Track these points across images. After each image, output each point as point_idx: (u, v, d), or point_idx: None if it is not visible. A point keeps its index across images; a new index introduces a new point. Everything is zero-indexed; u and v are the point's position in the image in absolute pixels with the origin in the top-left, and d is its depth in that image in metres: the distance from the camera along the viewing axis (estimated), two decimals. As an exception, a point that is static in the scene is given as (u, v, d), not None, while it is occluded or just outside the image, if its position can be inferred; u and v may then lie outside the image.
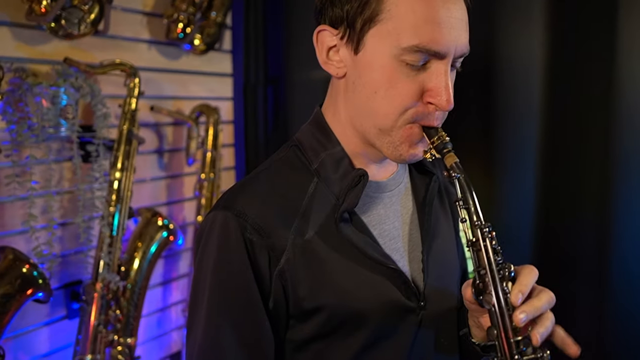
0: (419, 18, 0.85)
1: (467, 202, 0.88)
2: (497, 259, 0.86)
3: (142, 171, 1.99)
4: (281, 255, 0.90)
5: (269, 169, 0.99)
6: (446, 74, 0.87)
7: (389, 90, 0.88)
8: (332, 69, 0.94)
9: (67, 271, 1.77)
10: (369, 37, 0.88)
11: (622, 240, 1.86)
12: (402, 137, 0.91)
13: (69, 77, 1.63)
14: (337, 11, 0.90)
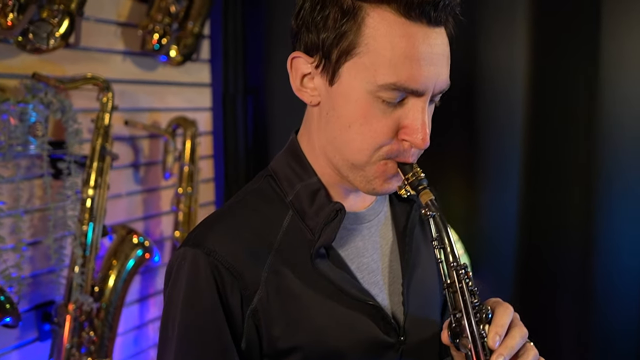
0: (398, 54, 0.80)
1: (442, 242, 0.85)
2: (473, 301, 0.84)
3: (118, 186, 1.93)
4: (254, 294, 0.86)
5: (241, 202, 0.94)
6: (423, 111, 0.84)
7: (363, 125, 0.84)
8: (305, 97, 0.90)
9: (38, 292, 1.71)
10: (344, 69, 0.84)
11: (605, 254, 1.84)
12: (376, 172, 0.87)
13: (39, 92, 1.58)
14: (313, 38, 0.85)
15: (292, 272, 0.88)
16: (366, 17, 0.82)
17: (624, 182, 1.80)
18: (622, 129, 1.78)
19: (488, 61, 1.96)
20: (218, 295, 0.84)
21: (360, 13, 0.82)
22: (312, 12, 0.85)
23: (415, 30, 0.81)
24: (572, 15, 1.84)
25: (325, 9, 0.84)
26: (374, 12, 0.81)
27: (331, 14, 0.83)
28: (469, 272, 0.85)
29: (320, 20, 0.84)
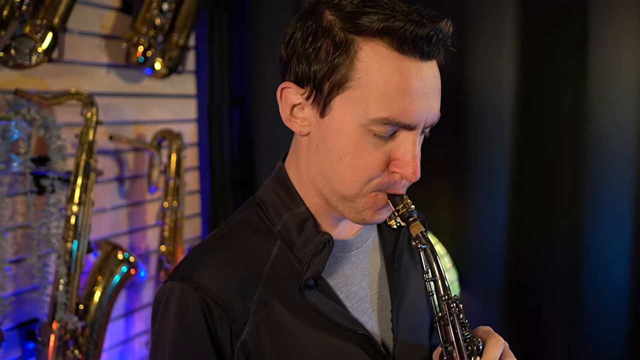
0: (391, 89, 0.80)
1: (433, 274, 0.85)
2: (464, 333, 0.84)
3: (102, 200, 1.91)
4: (243, 327, 0.85)
5: (229, 234, 0.93)
6: (414, 144, 0.84)
7: (355, 159, 0.84)
8: (295, 127, 0.89)
9: (21, 310, 1.68)
10: (336, 102, 0.84)
11: (592, 264, 1.86)
12: (366, 204, 0.87)
13: (21, 108, 1.55)
14: (304, 69, 0.85)
15: (281, 303, 0.87)
16: (359, 50, 0.81)
17: (610, 192, 1.82)
18: (609, 139, 1.80)
19: (476, 73, 1.97)
20: (207, 330, 0.83)
21: (353, 46, 0.81)
22: (304, 43, 0.84)
23: (408, 64, 0.81)
24: (560, 27, 1.86)
25: (317, 40, 0.83)
26: (367, 45, 0.81)
27: (323, 46, 0.82)
28: (460, 305, 0.85)
29: (312, 52, 0.83)
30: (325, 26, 0.83)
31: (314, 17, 0.84)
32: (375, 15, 0.80)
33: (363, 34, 0.81)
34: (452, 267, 1.85)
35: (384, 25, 0.79)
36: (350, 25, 0.81)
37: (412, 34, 0.79)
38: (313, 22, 0.84)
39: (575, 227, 1.86)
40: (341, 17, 0.82)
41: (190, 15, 1.98)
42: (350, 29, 0.81)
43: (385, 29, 0.79)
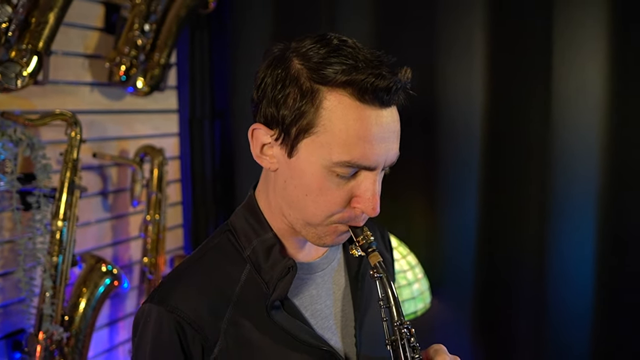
0: (352, 135, 0.88)
1: (388, 301, 0.92)
2: (414, 356, 0.92)
3: (87, 214, 1.98)
4: (214, 345, 0.93)
5: (202, 259, 1.01)
6: (374, 183, 0.91)
7: (319, 196, 0.92)
8: (265, 163, 0.97)
9: (8, 321, 1.74)
10: (303, 145, 0.91)
11: (558, 275, 1.96)
12: (327, 232, 0.95)
13: (7, 129, 1.62)
14: (273, 112, 0.92)
15: (250, 322, 0.95)
16: (323, 100, 0.88)
17: (575, 203, 1.91)
18: (572, 151, 1.90)
19: (446, 88, 2.06)
20: (181, 349, 0.91)
21: (318, 95, 0.89)
22: (273, 89, 0.92)
23: (369, 113, 0.88)
24: (526, 44, 1.96)
25: (285, 88, 0.90)
26: (331, 95, 0.88)
27: (291, 93, 0.90)
28: (412, 330, 0.93)
29: (280, 98, 0.91)
30: (293, 74, 0.90)
31: (283, 64, 0.92)
32: (339, 66, 0.87)
33: (328, 84, 0.88)
34: (423, 277, 1.94)
35: (347, 78, 0.87)
36: (316, 76, 0.89)
37: (373, 86, 0.86)
38: (282, 70, 0.91)
39: (542, 237, 1.96)
40: (308, 67, 0.90)
41: (171, 35, 2.05)
42: (316, 79, 0.89)
43: (347, 81, 0.87)
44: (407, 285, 1.82)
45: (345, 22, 2.14)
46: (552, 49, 1.88)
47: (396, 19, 2.11)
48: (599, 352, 1.92)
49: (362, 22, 2.12)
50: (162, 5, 2.01)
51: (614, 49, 1.82)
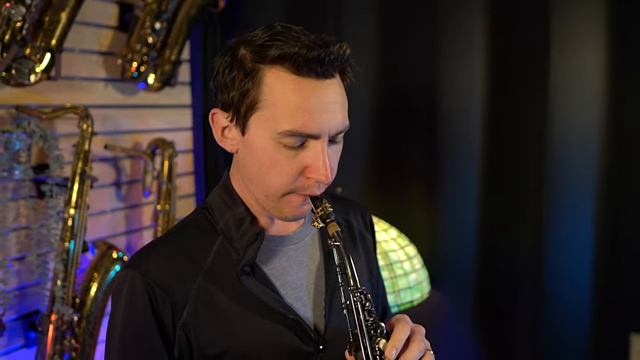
0: (292, 106, 0.94)
1: (344, 268, 0.97)
2: (368, 319, 0.96)
3: (101, 203, 2.08)
4: (183, 308, 1.00)
5: (177, 231, 1.10)
6: (323, 152, 0.97)
7: (271, 168, 0.98)
8: (227, 146, 1.04)
9: (24, 302, 1.86)
10: (252, 122, 0.98)
11: (554, 265, 1.98)
12: (286, 203, 1.02)
13: (22, 121, 1.73)
14: (225, 97, 1.00)
15: (220, 288, 1.02)
16: (264, 76, 0.96)
17: (572, 197, 1.94)
18: (569, 144, 1.93)
19: (447, 84, 2.10)
20: (152, 309, 0.99)
21: (259, 73, 0.96)
22: (224, 75, 0.99)
23: (305, 84, 0.95)
24: (524, 40, 1.99)
25: (232, 71, 0.98)
26: (270, 71, 0.96)
27: (237, 75, 0.97)
28: (368, 295, 0.97)
29: (229, 81, 0.99)
30: (238, 59, 0.98)
31: (231, 52, 1.00)
32: (278, 46, 0.94)
33: (266, 62, 0.95)
34: (421, 267, 1.98)
35: (280, 53, 0.94)
36: (257, 56, 0.96)
37: (304, 57, 0.93)
38: (229, 57, 0.99)
39: (540, 230, 1.98)
40: (251, 50, 0.97)
41: (182, 33, 2.14)
42: (257, 59, 0.96)
43: (281, 55, 0.94)
44: (404, 275, 1.86)
45: (351, 19, 2.20)
46: (550, 45, 1.90)
47: (399, 18, 2.15)
48: (595, 343, 1.93)
49: (367, 21, 2.17)
50: (173, 4, 2.09)
51: (612, 44, 1.83)
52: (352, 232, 1.23)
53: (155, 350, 1.00)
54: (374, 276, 1.27)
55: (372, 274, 1.27)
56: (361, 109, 2.24)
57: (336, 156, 1.03)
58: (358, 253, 1.24)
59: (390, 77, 2.17)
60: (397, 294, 1.83)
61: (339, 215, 1.19)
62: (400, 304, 1.83)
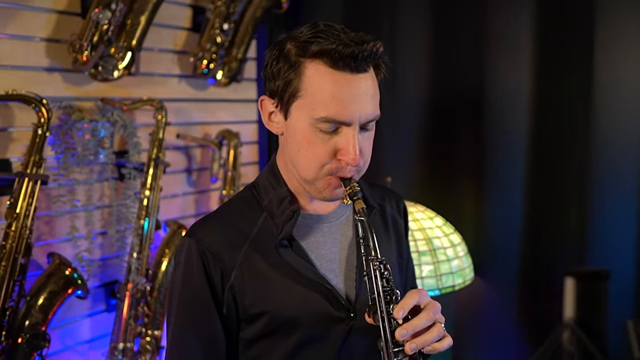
0: (327, 95, 1.08)
1: (367, 240, 1.10)
2: (385, 286, 1.08)
3: (174, 187, 2.31)
4: (231, 272, 1.16)
5: (229, 206, 1.26)
6: (354, 137, 1.10)
7: (308, 150, 1.12)
8: (273, 128, 1.19)
9: (106, 272, 2.11)
10: (293, 108, 1.12)
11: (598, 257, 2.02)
12: (323, 185, 1.15)
13: (107, 112, 1.97)
14: (271, 85, 1.14)
15: (262, 257, 1.17)
16: (305, 69, 1.09)
17: (615, 190, 1.97)
18: (614, 144, 1.96)
19: (496, 82, 2.18)
20: (205, 272, 1.16)
21: (301, 66, 1.09)
22: (271, 66, 1.14)
23: (340, 77, 1.08)
24: (569, 36, 2.04)
25: (278, 63, 1.12)
26: (310, 65, 1.09)
27: (282, 67, 1.12)
28: (387, 265, 1.09)
29: (275, 72, 1.13)
30: (284, 53, 1.12)
31: (278, 46, 1.14)
32: (318, 42, 1.08)
33: (307, 56, 1.09)
34: (465, 255, 2.07)
35: (319, 48, 1.07)
36: (300, 51, 1.09)
37: (340, 53, 1.06)
38: (277, 50, 1.14)
39: (584, 219, 2.03)
40: (295, 45, 1.11)
41: (248, 33, 2.33)
42: (300, 53, 1.10)
43: (320, 51, 1.07)
44: (447, 261, 1.96)
45: (404, 19, 2.32)
46: (594, 42, 1.95)
47: (449, 18, 2.26)
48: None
49: (420, 21, 2.29)
50: (240, 6, 2.29)
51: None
52: (385, 216, 1.36)
53: (207, 307, 1.17)
54: (403, 258, 1.38)
55: (402, 256, 1.38)
56: (413, 104, 2.36)
57: (368, 142, 1.15)
58: (389, 234, 1.35)
59: (441, 74, 2.28)
60: (439, 278, 1.94)
61: (374, 201, 1.32)
62: (441, 287, 1.94)
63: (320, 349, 1.19)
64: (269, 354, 1.19)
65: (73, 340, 2.03)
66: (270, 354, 1.19)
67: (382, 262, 1.10)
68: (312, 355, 1.19)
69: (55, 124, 1.87)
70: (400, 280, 1.36)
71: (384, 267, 1.10)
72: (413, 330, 1.05)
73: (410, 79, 2.34)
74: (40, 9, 1.85)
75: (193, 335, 1.17)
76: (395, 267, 1.35)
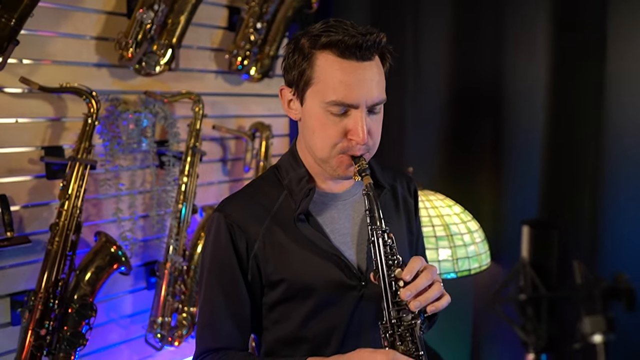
0: (336, 81, 1.21)
1: (372, 211, 1.23)
2: (387, 251, 1.21)
3: (209, 176, 2.48)
4: (254, 243, 1.31)
5: (253, 184, 1.41)
6: (361, 119, 1.22)
7: (321, 132, 1.26)
8: (292, 115, 1.34)
9: (147, 252, 2.29)
10: (307, 95, 1.26)
11: (610, 247, 2.10)
12: (336, 163, 1.28)
13: (149, 104, 2.15)
14: (289, 76, 1.29)
15: (282, 230, 1.32)
16: (316, 59, 1.23)
17: (627, 185, 2.04)
18: (625, 139, 2.04)
19: (513, 78, 2.28)
20: (232, 243, 1.30)
21: (313, 57, 1.24)
22: (288, 59, 1.29)
23: (347, 65, 1.21)
24: (582, 35, 2.13)
25: (294, 56, 1.27)
26: (321, 55, 1.23)
27: (297, 59, 1.26)
28: (390, 234, 1.22)
29: (292, 63, 1.27)
30: (299, 46, 1.26)
31: (294, 41, 1.29)
32: (327, 35, 1.21)
33: (317, 47, 1.23)
34: (482, 241, 2.17)
35: (328, 40, 1.21)
36: (312, 43, 1.24)
37: (346, 44, 1.19)
38: (293, 45, 1.29)
39: (597, 212, 2.11)
40: (308, 39, 1.25)
41: (279, 32, 2.48)
42: (311, 46, 1.24)
43: (329, 42, 1.21)
44: (463, 246, 2.07)
45: (428, 19, 2.44)
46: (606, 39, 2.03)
47: (470, 17, 2.37)
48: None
49: (442, 21, 2.41)
50: (272, 7, 2.44)
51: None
52: (396, 195, 1.48)
53: (233, 273, 1.32)
54: (413, 234, 1.51)
55: (412, 232, 1.50)
56: (435, 100, 2.47)
57: (377, 124, 1.28)
58: (399, 213, 1.48)
59: (462, 71, 2.38)
60: (455, 262, 2.05)
61: (386, 181, 1.45)
62: (457, 271, 2.05)
63: (334, 312, 1.32)
64: (289, 316, 1.33)
65: (116, 313, 2.22)
66: (290, 316, 1.33)
67: (385, 231, 1.22)
68: (327, 318, 1.32)
69: (103, 114, 2.05)
70: (410, 254, 1.48)
71: (388, 235, 1.22)
72: (416, 290, 1.18)
73: (433, 76, 2.45)
74: (90, 10, 2.04)
75: (221, 297, 1.32)
76: (405, 242, 1.47)
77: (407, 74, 2.49)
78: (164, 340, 2.21)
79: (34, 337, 1.82)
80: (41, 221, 1.95)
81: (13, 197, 1.88)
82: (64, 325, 1.90)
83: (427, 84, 2.45)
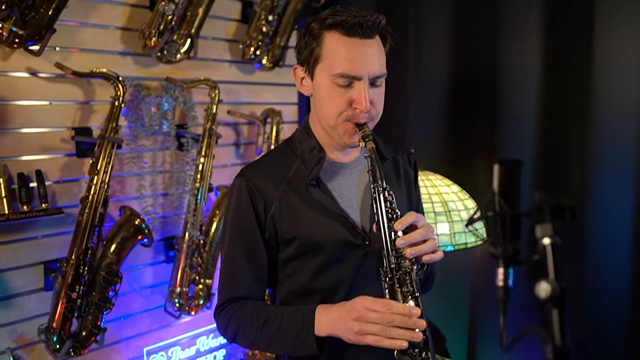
0: (341, 56, 1.37)
1: (374, 171, 1.39)
2: (387, 206, 1.37)
3: (224, 158, 2.65)
4: (271, 205, 1.48)
5: (270, 154, 1.58)
6: (364, 90, 1.38)
7: (328, 101, 1.42)
8: (304, 91, 1.50)
9: (166, 228, 2.46)
10: (317, 70, 1.43)
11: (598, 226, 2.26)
12: (343, 130, 1.44)
13: (170, 89, 2.32)
14: (301, 56, 1.46)
15: (296, 194, 1.48)
16: (324, 38, 1.40)
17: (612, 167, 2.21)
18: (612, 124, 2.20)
19: (508, 65, 2.44)
20: (252, 204, 1.47)
21: (321, 36, 1.40)
22: (300, 41, 1.46)
23: (351, 42, 1.37)
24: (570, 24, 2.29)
25: (305, 36, 1.44)
26: (328, 34, 1.39)
27: (307, 40, 1.43)
28: (390, 192, 1.38)
29: (303, 44, 1.45)
30: (309, 29, 1.43)
31: (306, 26, 1.46)
32: (333, 17, 1.38)
33: (324, 28, 1.40)
34: (478, 218, 2.33)
35: (333, 21, 1.38)
36: (320, 25, 1.41)
37: (349, 23, 1.36)
38: (305, 29, 1.45)
39: (585, 191, 2.27)
40: (317, 22, 1.42)
41: (289, 24, 2.65)
42: (320, 27, 1.41)
43: (334, 22, 1.38)
44: (460, 221, 2.23)
45: (429, 11, 2.61)
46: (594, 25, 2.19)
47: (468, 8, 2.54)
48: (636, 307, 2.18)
49: (442, 18, 2.58)
50: (283, 0, 2.61)
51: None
52: (397, 167, 1.65)
53: (253, 231, 1.49)
54: (412, 202, 1.67)
55: (411, 200, 1.66)
56: (435, 85, 2.64)
57: (379, 96, 1.44)
58: (400, 182, 1.64)
59: (460, 57, 2.55)
60: (453, 236, 2.21)
61: (388, 154, 1.61)
62: (455, 244, 2.21)
63: (341, 267, 1.49)
64: (301, 270, 1.50)
65: (138, 284, 2.39)
66: (302, 271, 1.50)
67: (385, 189, 1.38)
68: (335, 272, 1.49)
69: (128, 99, 2.22)
70: None
71: (388, 192, 1.38)
72: (409, 240, 1.34)
73: (433, 62, 2.62)
74: (116, 2, 2.22)
75: (241, 252, 1.49)
76: (405, 209, 1.63)
77: (409, 62, 2.66)
78: (182, 309, 2.38)
79: (66, 300, 2.00)
80: (71, 196, 2.13)
81: (47, 173, 2.05)
82: (92, 291, 2.07)
83: (428, 70, 2.62)
